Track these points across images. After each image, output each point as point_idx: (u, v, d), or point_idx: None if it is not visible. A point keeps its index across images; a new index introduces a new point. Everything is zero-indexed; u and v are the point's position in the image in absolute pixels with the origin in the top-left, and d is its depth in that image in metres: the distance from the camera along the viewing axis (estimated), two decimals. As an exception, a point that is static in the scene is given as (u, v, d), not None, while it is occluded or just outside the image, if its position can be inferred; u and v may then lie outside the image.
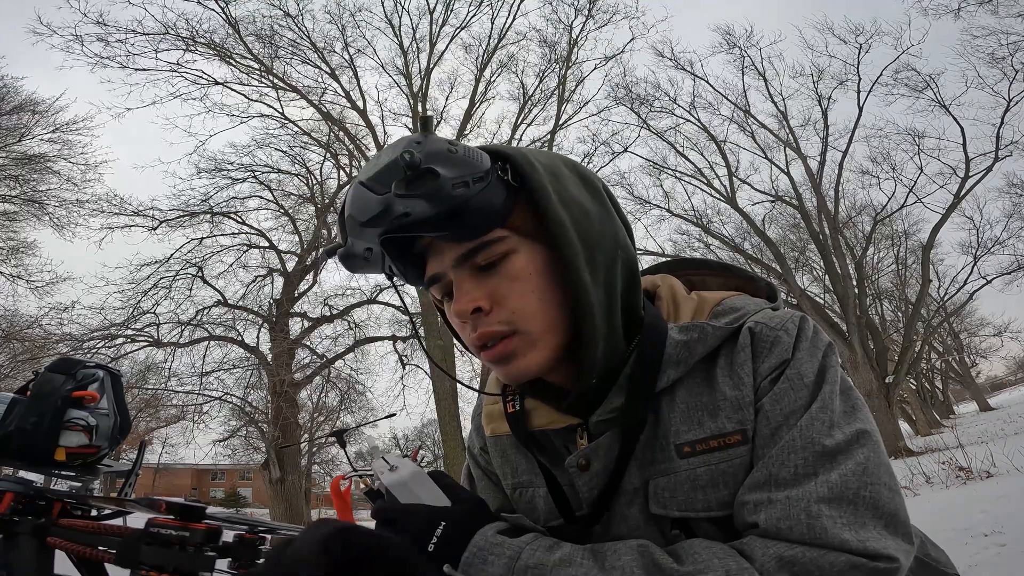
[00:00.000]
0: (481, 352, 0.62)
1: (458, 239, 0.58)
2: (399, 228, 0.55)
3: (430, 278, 0.62)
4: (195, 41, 12.21)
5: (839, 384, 0.59)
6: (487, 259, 0.59)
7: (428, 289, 0.64)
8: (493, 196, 0.57)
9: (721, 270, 0.79)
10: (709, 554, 0.52)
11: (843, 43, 15.04)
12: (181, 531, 0.96)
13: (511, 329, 0.59)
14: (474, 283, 0.60)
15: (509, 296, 0.59)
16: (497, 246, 0.59)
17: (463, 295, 0.59)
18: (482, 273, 0.60)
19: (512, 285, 0.59)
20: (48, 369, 1.36)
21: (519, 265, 0.60)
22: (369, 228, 0.55)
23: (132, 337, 12.17)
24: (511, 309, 0.59)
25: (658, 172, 16.38)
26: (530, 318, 0.60)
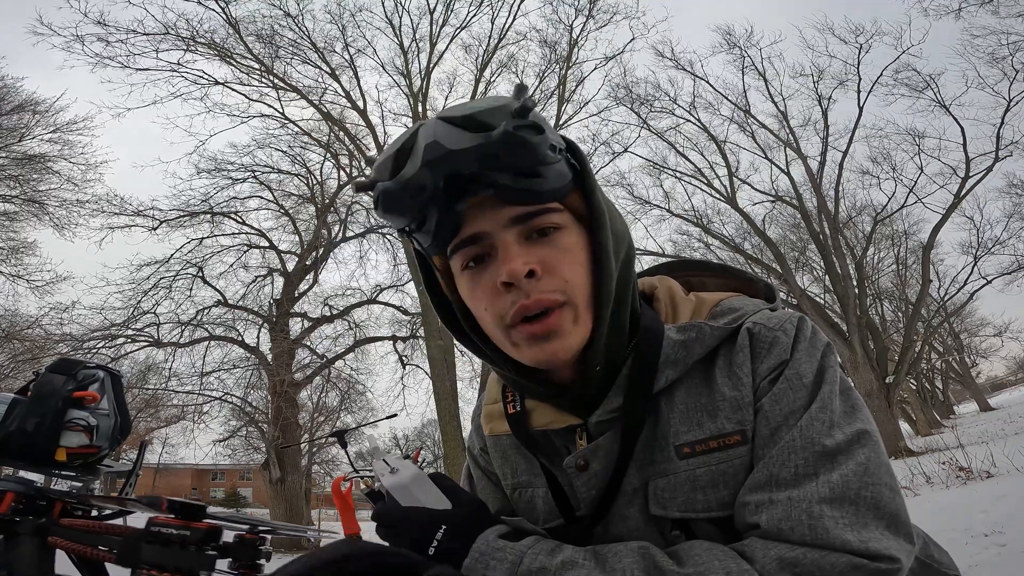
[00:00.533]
0: (519, 327, 0.59)
1: (526, 199, 0.57)
2: (485, 168, 0.55)
3: (469, 237, 0.59)
4: (195, 41, 12.20)
5: (838, 384, 0.59)
6: (542, 225, 0.59)
7: (452, 255, 0.61)
8: (564, 171, 0.59)
9: (720, 271, 0.79)
10: (710, 556, 0.52)
11: (843, 43, 15.05)
12: (182, 530, 0.96)
13: (564, 299, 0.58)
14: (524, 248, 0.59)
15: (560, 266, 0.59)
16: (554, 215, 0.59)
17: (516, 256, 0.57)
18: (530, 241, 0.59)
19: (564, 256, 0.59)
20: (49, 370, 1.37)
21: (568, 240, 0.60)
22: (450, 161, 0.54)
23: (132, 337, 12.15)
24: (564, 278, 0.59)
25: (658, 172, 16.40)
26: (579, 289, 0.59)
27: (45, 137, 13.24)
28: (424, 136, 0.56)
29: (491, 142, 0.54)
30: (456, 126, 0.55)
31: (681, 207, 16.58)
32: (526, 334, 0.59)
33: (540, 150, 0.56)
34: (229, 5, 12.01)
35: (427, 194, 0.56)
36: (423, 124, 0.57)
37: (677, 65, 15.77)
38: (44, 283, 13.28)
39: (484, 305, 0.61)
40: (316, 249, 14.13)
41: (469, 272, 0.61)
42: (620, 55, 14.92)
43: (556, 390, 0.66)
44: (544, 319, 0.58)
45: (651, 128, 15.80)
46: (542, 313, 0.58)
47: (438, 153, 0.54)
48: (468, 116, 0.55)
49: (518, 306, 0.57)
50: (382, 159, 0.59)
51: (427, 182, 0.55)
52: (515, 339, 0.60)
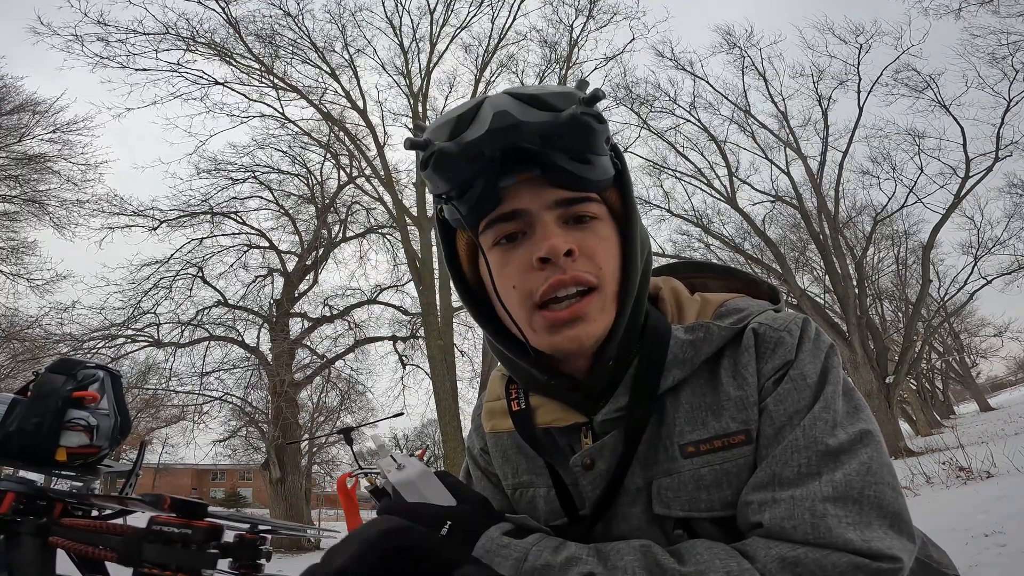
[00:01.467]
0: (547, 308, 0.59)
1: (574, 185, 0.59)
2: (546, 145, 0.56)
3: (508, 212, 0.60)
4: (195, 41, 12.21)
5: (841, 385, 0.60)
6: (582, 212, 0.61)
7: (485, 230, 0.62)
8: (609, 166, 0.62)
9: (723, 273, 0.79)
10: (711, 555, 0.52)
11: (843, 43, 15.05)
12: (183, 529, 0.96)
13: (596, 283, 0.59)
14: (562, 230, 0.60)
15: (597, 252, 0.60)
16: (593, 205, 0.61)
17: (554, 236, 0.58)
18: (567, 226, 0.61)
19: (600, 244, 0.61)
20: (48, 370, 1.37)
21: (604, 231, 0.62)
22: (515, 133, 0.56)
23: (132, 337, 12.16)
24: (598, 263, 0.60)
25: (658, 172, 16.40)
26: (610, 278, 0.61)
27: (45, 137, 13.27)
28: (491, 106, 0.57)
29: (559, 122, 0.56)
30: (524, 102, 0.57)
31: (681, 207, 16.60)
32: (549, 320, 0.59)
33: (598, 139, 0.58)
34: (229, 5, 12.03)
35: (483, 161, 0.58)
36: (489, 96, 0.59)
37: (677, 65, 15.79)
38: (44, 283, 13.31)
39: (513, 282, 0.61)
40: (316, 249, 14.14)
41: (500, 248, 0.62)
42: (620, 55, 14.98)
43: (569, 383, 0.66)
44: (571, 306, 0.58)
45: (651, 128, 15.82)
46: (572, 296, 0.58)
47: (507, 122, 0.56)
48: (537, 96, 0.57)
49: (553, 280, 0.58)
50: (441, 121, 0.60)
51: (487, 148, 0.57)
52: (536, 323, 0.60)
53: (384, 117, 16.44)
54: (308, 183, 14.55)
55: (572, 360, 0.65)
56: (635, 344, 0.64)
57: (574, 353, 0.61)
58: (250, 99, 13.00)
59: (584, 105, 0.57)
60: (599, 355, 0.63)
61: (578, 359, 0.64)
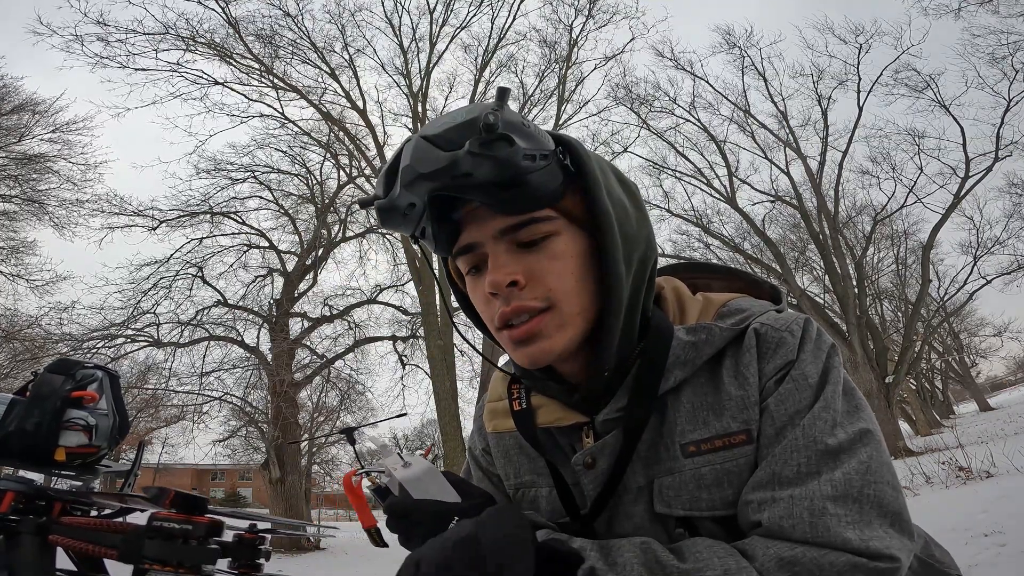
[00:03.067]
0: (505, 331, 0.61)
1: (509, 211, 0.58)
2: (458, 187, 0.55)
3: (464, 246, 0.61)
4: (195, 41, 12.21)
5: (842, 385, 0.60)
6: (530, 236, 0.60)
7: (455, 259, 0.64)
8: (552, 176, 0.58)
9: (725, 274, 0.79)
10: (710, 553, 0.52)
11: (843, 43, 15.07)
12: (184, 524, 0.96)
13: (546, 305, 0.59)
14: (512, 258, 0.60)
15: (546, 275, 0.60)
16: (543, 225, 0.60)
17: (500, 267, 0.59)
18: (521, 250, 0.60)
19: (551, 264, 0.60)
20: (47, 370, 1.36)
21: (560, 247, 0.60)
22: (427, 182, 0.55)
23: (132, 337, 12.14)
24: (547, 287, 0.59)
25: (658, 172, 16.41)
26: (564, 298, 0.60)
27: (45, 137, 13.27)
28: (404, 156, 0.57)
29: (458, 161, 0.54)
30: (431, 143, 0.55)
31: (681, 207, 16.62)
32: (509, 339, 0.61)
33: (512, 162, 0.54)
34: (229, 5, 12.03)
35: (417, 211, 0.58)
36: (408, 141, 0.58)
37: (677, 65, 15.81)
38: (44, 283, 13.30)
39: (480, 308, 0.64)
40: (316, 249, 14.13)
41: (470, 277, 0.64)
42: (620, 55, 14.99)
43: (567, 386, 0.67)
44: (523, 325, 0.60)
45: (651, 128, 15.83)
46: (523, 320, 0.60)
47: (411, 176, 0.55)
48: (440, 134, 0.56)
49: (500, 313, 0.60)
50: (379, 177, 0.61)
51: (414, 200, 0.57)
52: (504, 341, 0.63)
53: (384, 117, 16.44)
54: (308, 183, 14.56)
55: (563, 365, 0.66)
56: (635, 345, 0.64)
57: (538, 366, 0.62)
58: (250, 99, 13.02)
59: (484, 132, 0.53)
60: (592, 359, 0.63)
61: (569, 363, 0.65)
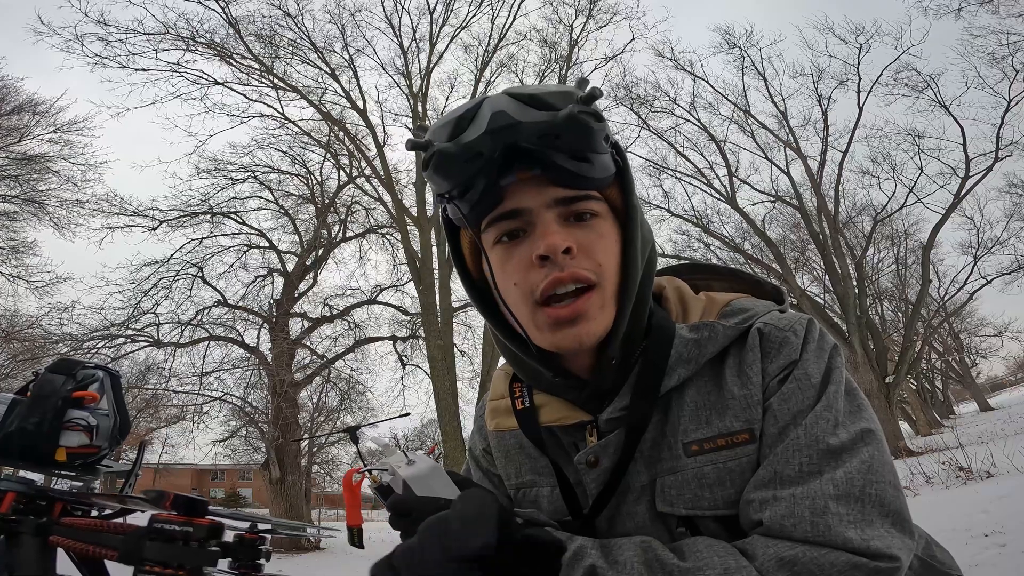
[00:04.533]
0: (547, 308, 0.60)
1: (574, 183, 0.59)
2: (544, 145, 0.57)
3: (510, 211, 0.61)
4: (195, 41, 12.20)
5: (844, 384, 0.60)
6: (582, 210, 0.61)
7: (486, 226, 0.62)
8: (609, 164, 0.61)
9: (728, 275, 0.79)
10: (710, 552, 0.52)
11: (843, 43, 15.06)
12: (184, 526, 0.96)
13: (596, 279, 0.60)
14: (563, 227, 0.60)
15: (596, 249, 0.61)
16: (594, 203, 0.61)
17: (554, 232, 0.59)
18: (569, 223, 0.61)
19: (599, 241, 0.61)
20: (48, 370, 1.36)
21: (605, 228, 0.62)
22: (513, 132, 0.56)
23: (132, 337, 12.14)
24: (597, 261, 0.60)
25: (658, 172, 16.40)
26: (610, 275, 0.61)
27: (45, 137, 13.26)
28: (490, 106, 0.57)
29: (556, 121, 0.56)
30: (523, 102, 0.57)
31: (681, 207, 16.61)
32: (552, 318, 0.60)
33: (596, 137, 0.58)
34: (229, 5, 12.03)
35: (482, 161, 0.58)
36: (488, 96, 0.60)
37: (677, 65, 15.80)
38: (44, 283, 13.29)
39: (514, 280, 0.61)
40: (316, 249, 14.13)
41: (502, 246, 0.62)
42: (620, 55, 14.99)
43: (574, 381, 0.66)
44: (573, 302, 0.59)
45: (651, 128, 15.83)
46: (572, 293, 0.59)
47: (504, 122, 0.56)
48: (535, 95, 0.58)
49: (551, 278, 0.59)
50: (441, 122, 0.61)
51: (486, 149, 0.57)
52: (539, 321, 0.61)
53: (384, 117, 16.40)
54: (308, 183, 14.55)
55: (574, 358, 0.65)
56: (639, 343, 0.64)
57: (575, 351, 0.61)
58: (250, 99, 13.02)
59: (582, 103, 0.57)
60: (601, 353, 0.63)
61: (580, 357, 0.65)
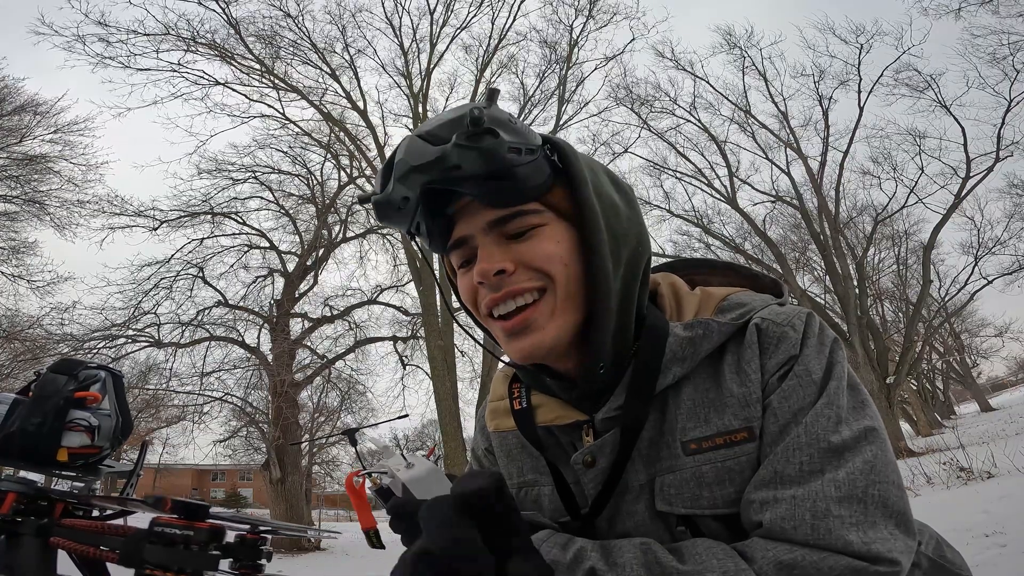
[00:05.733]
0: (498, 322, 0.62)
1: (497, 202, 0.60)
2: (447, 180, 0.57)
3: (456, 241, 0.63)
4: (196, 41, 12.21)
5: (846, 380, 0.59)
6: (519, 228, 0.61)
7: (448, 254, 0.66)
8: (538, 170, 0.61)
9: (725, 269, 0.79)
10: (709, 555, 0.52)
11: (844, 43, 15.08)
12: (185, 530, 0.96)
13: (539, 285, 0.61)
14: (500, 249, 0.61)
15: (536, 259, 0.61)
16: (531, 217, 0.61)
17: (488, 256, 0.60)
18: (509, 241, 0.62)
19: (540, 249, 0.61)
20: (50, 370, 1.36)
21: (547, 237, 0.62)
22: (418, 175, 0.57)
23: (133, 337, 12.14)
24: (541, 271, 0.61)
25: (658, 172, 16.40)
26: (561, 282, 0.61)
27: (46, 138, 13.28)
28: (399, 153, 0.59)
29: (446, 154, 0.56)
30: (423, 140, 0.58)
31: (681, 207, 16.61)
32: (503, 330, 0.62)
33: (498, 154, 0.57)
34: (229, 6, 12.04)
35: (411, 205, 0.60)
36: (404, 139, 0.61)
37: (677, 65, 15.80)
38: (45, 283, 13.31)
39: (469, 302, 0.66)
40: (316, 249, 14.12)
41: (461, 272, 0.66)
42: (620, 55, 14.98)
43: (566, 383, 0.67)
44: (515, 316, 0.61)
45: (651, 128, 15.83)
46: (516, 310, 0.61)
47: (403, 170, 0.58)
48: (431, 130, 0.59)
49: (488, 299, 0.62)
50: (378, 175, 0.63)
51: (408, 194, 0.58)
52: (495, 332, 0.64)
53: (384, 118, 16.33)
54: (308, 183, 14.54)
55: (558, 361, 0.65)
56: (632, 342, 0.64)
57: (529, 360, 0.63)
58: (251, 99, 13.02)
59: (471, 125, 0.55)
60: (585, 356, 0.63)
61: (561, 361, 0.65)
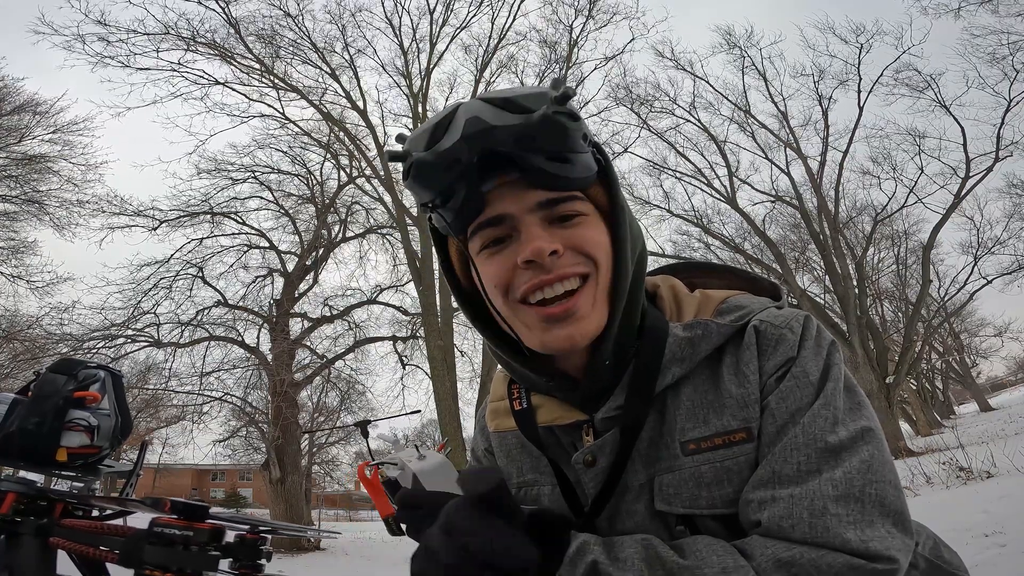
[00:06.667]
0: (536, 307, 0.60)
1: (554, 185, 0.59)
2: (524, 147, 0.56)
3: (492, 218, 0.61)
4: (196, 41, 12.20)
5: (843, 381, 0.60)
6: (567, 212, 0.61)
7: (474, 233, 0.62)
8: (590, 164, 0.61)
9: (724, 272, 0.79)
10: (709, 551, 0.52)
11: (844, 43, 15.07)
12: (185, 531, 0.96)
13: (582, 272, 0.60)
14: (547, 231, 0.60)
15: (585, 244, 0.61)
16: (579, 203, 0.61)
17: (539, 236, 0.59)
18: (553, 225, 0.61)
19: (588, 236, 0.61)
20: (50, 370, 1.36)
21: (592, 226, 0.62)
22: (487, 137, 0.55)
23: (132, 337, 12.13)
24: (589, 257, 0.60)
25: (658, 172, 16.42)
26: (603, 272, 0.61)
27: (45, 137, 13.27)
28: (464, 112, 0.57)
29: (530, 123, 0.55)
30: (497, 106, 0.57)
31: (681, 207, 16.64)
32: (543, 315, 0.60)
33: (574, 137, 0.58)
34: (229, 5, 12.03)
35: (460, 168, 0.57)
36: (463, 102, 0.59)
37: (677, 65, 15.81)
38: (44, 283, 13.31)
39: (497, 283, 0.62)
40: (316, 249, 14.12)
41: (487, 253, 0.62)
42: (620, 55, 14.96)
43: (568, 383, 0.66)
44: (564, 301, 0.59)
45: (651, 128, 15.84)
46: (560, 296, 0.59)
47: (478, 128, 0.55)
48: (509, 99, 0.57)
49: (537, 279, 0.59)
50: (419, 131, 0.60)
51: (462, 155, 0.57)
52: (528, 320, 0.61)
53: (384, 117, 16.32)
54: (308, 183, 14.53)
55: (566, 359, 0.65)
56: (632, 343, 0.64)
57: (567, 351, 0.61)
58: (250, 99, 13.02)
59: (556, 104, 0.56)
60: (594, 354, 0.63)
61: (572, 357, 0.65)
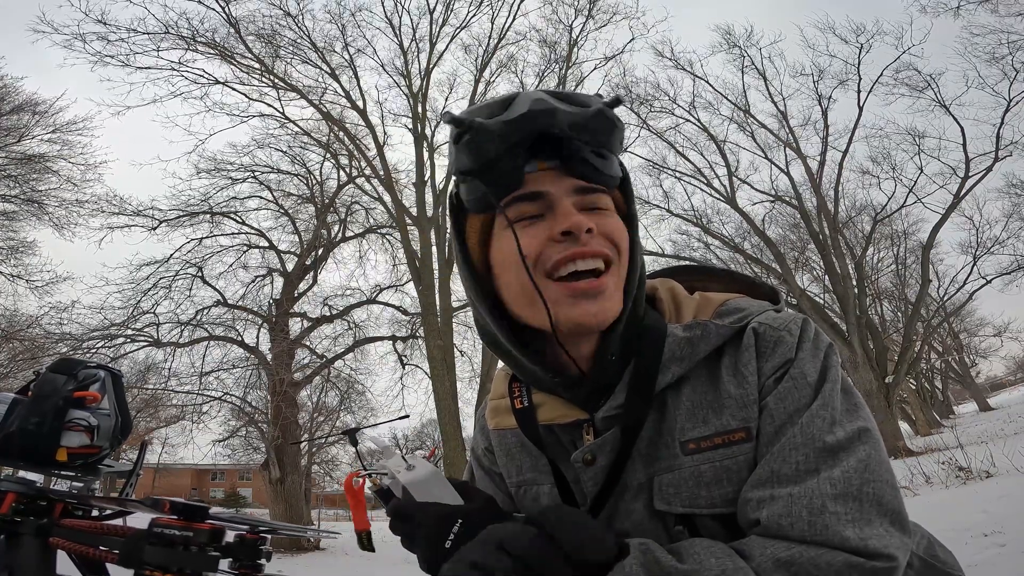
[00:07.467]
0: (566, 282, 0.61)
1: (593, 176, 0.63)
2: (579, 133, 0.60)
3: (531, 193, 0.62)
4: (196, 40, 12.19)
5: (840, 383, 0.61)
6: (597, 203, 0.64)
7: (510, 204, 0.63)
8: (618, 167, 0.66)
9: (723, 275, 0.80)
10: (708, 554, 0.53)
11: (844, 42, 15.08)
12: (185, 531, 0.96)
13: (608, 255, 0.63)
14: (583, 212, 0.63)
15: (612, 231, 0.64)
16: (606, 198, 0.65)
17: (575, 214, 0.61)
18: (584, 211, 0.63)
19: (614, 224, 0.64)
20: (49, 369, 1.36)
21: (615, 219, 0.65)
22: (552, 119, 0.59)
23: (132, 337, 12.12)
24: (615, 243, 0.64)
25: (658, 172, 16.40)
26: (620, 256, 0.64)
27: (44, 137, 13.26)
28: (529, 95, 0.61)
29: (586, 114, 0.60)
30: (557, 97, 0.62)
31: (681, 207, 16.61)
32: (571, 290, 0.61)
33: (617, 136, 0.63)
34: (229, 4, 12.03)
35: (514, 139, 0.60)
36: (528, 91, 0.63)
37: (677, 65, 15.80)
38: (44, 283, 13.29)
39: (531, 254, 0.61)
40: (316, 249, 14.12)
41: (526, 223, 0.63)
42: (620, 55, 14.97)
43: (570, 379, 0.66)
44: (595, 278, 0.61)
45: (651, 128, 15.83)
46: (592, 272, 0.61)
47: (543, 107, 0.59)
48: (568, 93, 0.63)
49: (573, 251, 0.61)
50: (481, 104, 0.64)
51: (523, 128, 0.59)
52: (555, 295, 0.61)
53: (384, 117, 16.22)
54: (308, 183, 14.52)
55: (576, 346, 0.65)
56: (634, 342, 0.65)
57: (592, 327, 0.62)
58: (250, 99, 13.01)
59: (612, 105, 0.62)
60: (603, 343, 0.64)
61: (582, 345, 0.65)
